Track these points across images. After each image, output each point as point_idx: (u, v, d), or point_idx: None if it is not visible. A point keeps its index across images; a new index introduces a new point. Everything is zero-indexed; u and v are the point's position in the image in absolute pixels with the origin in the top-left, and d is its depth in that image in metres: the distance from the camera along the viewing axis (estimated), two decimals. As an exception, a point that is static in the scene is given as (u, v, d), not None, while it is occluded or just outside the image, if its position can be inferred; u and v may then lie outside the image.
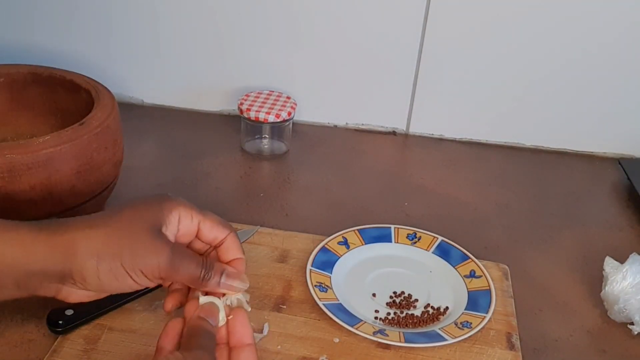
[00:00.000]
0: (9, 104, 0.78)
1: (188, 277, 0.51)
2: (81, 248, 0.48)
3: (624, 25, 0.87)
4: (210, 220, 0.53)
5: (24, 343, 0.58)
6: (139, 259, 0.49)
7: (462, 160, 0.95)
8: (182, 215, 0.52)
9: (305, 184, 0.87)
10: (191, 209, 0.53)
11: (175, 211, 0.52)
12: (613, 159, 0.95)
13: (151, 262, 0.49)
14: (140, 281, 0.50)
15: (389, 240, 0.73)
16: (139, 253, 0.49)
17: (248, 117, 0.89)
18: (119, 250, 0.48)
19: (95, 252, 0.48)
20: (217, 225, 0.54)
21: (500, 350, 0.61)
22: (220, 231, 0.54)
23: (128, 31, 0.97)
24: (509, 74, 0.93)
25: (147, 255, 0.49)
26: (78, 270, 0.48)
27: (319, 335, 0.61)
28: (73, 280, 0.49)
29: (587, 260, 0.75)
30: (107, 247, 0.48)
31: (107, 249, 0.48)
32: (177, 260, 0.50)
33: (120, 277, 0.49)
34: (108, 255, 0.48)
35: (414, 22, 0.91)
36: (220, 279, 0.51)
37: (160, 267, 0.49)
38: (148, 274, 0.49)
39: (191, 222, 0.52)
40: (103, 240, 0.49)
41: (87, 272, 0.48)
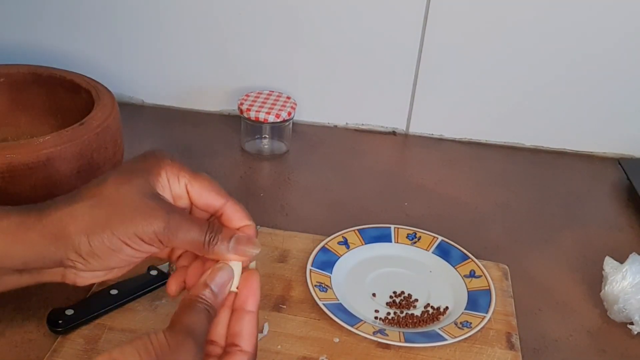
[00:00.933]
0: (9, 104, 0.78)
1: (190, 241, 0.46)
2: (69, 227, 0.45)
3: (624, 26, 0.87)
4: (200, 182, 0.48)
5: (24, 343, 0.58)
6: (131, 224, 0.44)
7: (462, 160, 0.95)
8: (169, 175, 0.48)
9: (305, 184, 0.87)
10: (179, 169, 0.48)
11: (162, 172, 0.47)
12: (613, 159, 0.95)
13: (145, 226, 0.44)
14: (140, 248, 0.45)
15: (389, 240, 0.73)
16: (130, 218, 0.44)
17: (248, 117, 0.89)
18: (107, 221, 0.44)
19: (84, 228, 0.44)
20: (209, 191, 0.48)
21: (500, 350, 0.61)
22: (212, 197, 0.48)
23: (128, 31, 0.97)
24: (509, 74, 0.93)
25: (139, 219, 0.44)
26: (72, 251, 0.45)
27: (319, 335, 0.61)
28: (72, 262, 0.46)
29: (587, 260, 0.75)
30: (94, 220, 0.44)
31: (95, 222, 0.44)
32: (176, 223, 0.45)
33: (116, 247, 0.45)
34: (97, 228, 0.44)
35: (414, 22, 0.91)
36: (230, 243, 0.46)
37: (156, 231, 0.44)
38: (146, 239, 0.45)
39: (178, 184, 0.48)
40: (90, 213, 0.45)
41: (82, 251, 0.45)
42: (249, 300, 0.47)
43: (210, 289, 0.45)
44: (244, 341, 0.45)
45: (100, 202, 0.45)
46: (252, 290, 0.47)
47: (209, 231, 0.46)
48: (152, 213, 0.45)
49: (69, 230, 0.45)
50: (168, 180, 0.48)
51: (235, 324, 0.46)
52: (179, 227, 0.45)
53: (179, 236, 0.45)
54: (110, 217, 0.45)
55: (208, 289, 0.45)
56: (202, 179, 0.49)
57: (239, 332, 0.46)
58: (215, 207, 0.49)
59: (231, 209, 0.49)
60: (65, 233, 0.45)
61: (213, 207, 0.49)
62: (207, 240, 0.46)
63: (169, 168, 0.48)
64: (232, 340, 0.45)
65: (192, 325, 0.42)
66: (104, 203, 0.45)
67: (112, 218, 0.45)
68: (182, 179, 0.48)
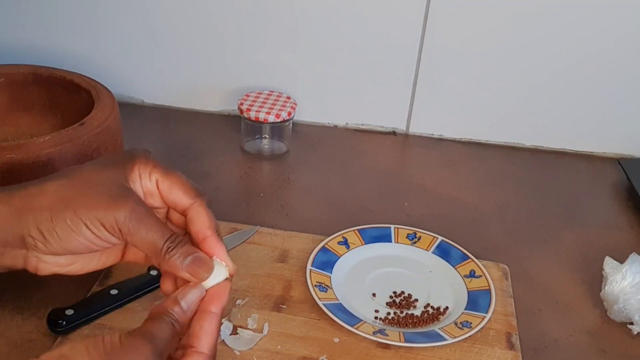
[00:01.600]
0: (9, 104, 0.78)
1: (148, 244, 0.45)
2: (35, 202, 0.45)
3: (624, 26, 0.87)
4: (170, 180, 0.48)
5: (24, 343, 0.58)
6: (95, 208, 0.44)
7: (462, 160, 0.95)
8: (141, 171, 0.48)
9: (305, 184, 0.87)
10: (152, 166, 0.48)
11: (135, 168, 0.47)
12: (613, 159, 0.95)
13: (108, 212, 0.44)
14: (100, 234, 0.45)
15: (389, 240, 0.73)
16: (95, 202, 0.44)
17: (248, 117, 0.89)
18: (72, 200, 0.45)
19: (48, 204, 0.45)
20: (178, 188, 0.48)
21: (500, 350, 0.61)
22: (180, 196, 0.48)
23: (128, 31, 0.97)
24: (509, 74, 0.93)
25: (104, 204, 0.44)
26: (34, 226, 0.45)
27: (319, 335, 0.61)
28: (32, 240, 0.45)
29: (587, 260, 0.75)
30: (60, 198, 0.45)
31: (61, 200, 0.45)
32: (138, 216, 0.45)
33: (77, 228, 0.44)
34: (61, 205, 0.45)
35: (414, 22, 0.91)
36: (185, 260, 0.45)
37: (117, 219, 0.44)
38: (107, 226, 0.44)
39: (149, 180, 0.48)
40: (58, 192, 0.45)
41: (43, 227, 0.45)
42: (214, 302, 0.46)
43: (180, 306, 0.45)
44: (200, 342, 0.44)
45: (70, 183, 0.46)
46: (220, 292, 0.46)
47: (170, 240, 0.46)
48: (118, 200, 0.45)
49: (34, 205, 0.45)
50: (140, 175, 0.48)
51: (196, 324, 0.45)
52: (140, 222, 0.45)
53: (139, 232, 0.45)
54: (76, 198, 0.45)
55: (178, 306, 0.45)
56: (173, 176, 0.49)
57: (197, 333, 0.45)
58: (182, 205, 0.49)
59: (195, 212, 0.48)
60: (30, 207, 0.45)
61: (180, 206, 0.49)
62: (165, 248, 0.45)
63: (142, 164, 0.48)
64: (189, 341, 0.45)
65: (153, 331, 0.42)
66: (74, 184, 0.46)
67: (77, 198, 0.45)
68: (154, 175, 0.48)
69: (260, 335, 0.60)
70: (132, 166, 0.48)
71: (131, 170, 0.48)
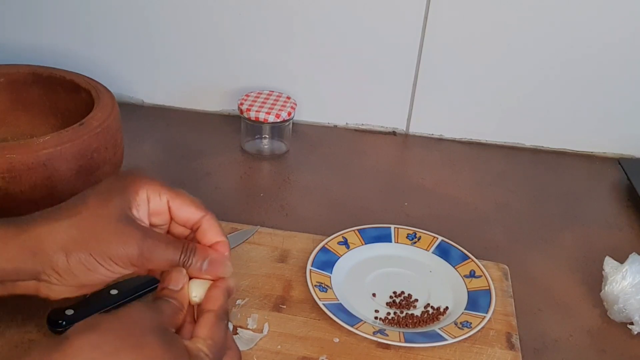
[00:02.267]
0: (9, 104, 0.78)
1: (166, 263, 0.48)
2: (48, 244, 0.46)
3: (624, 25, 0.87)
4: (181, 198, 0.51)
5: (24, 343, 0.58)
6: (107, 248, 0.46)
7: (462, 160, 0.95)
8: (149, 193, 0.50)
9: (305, 184, 0.87)
10: (160, 187, 0.50)
11: (142, 190, 0.49)
12: (613, 159, 0.95)
13: (119, 251, 0.46)
14: (114, 270, 0.48)
15: (389, 240, 0.73)
16: (106, 242, 0.47)
17: (248, 117, 0.89)
18: (85, 241, 0.47)
19: (62, 245, 0.46)
20: (189, 205, 0.51)
21: (500, 350, 0.61)
22: (192, 212, 0.51)
23: (128, 31, 0.97)
24: (509, 74, 0.93)
25: (114, 244, 0.47)
26: (49, 266, 0.47)
27: (319, 335, 0.61)
28: (47, 277, 0.47)
29: (587, 260, 0.75)
30: (73, 239, 0.47)
31: (74, 241, 0.46)
32: (149, 248, 0.47)
33: (92, 267, 0.47)
34: (75, 247, 0.46)
35: (413, 22, 0.91)
36: (203, 264, 0.49)
37: (129, 256, 0.47)
38: (119, 263, 0.47)
39: (160, 200, 0.50)
40: (68, 232, 0.47)
41: (59, 268, 0.47)
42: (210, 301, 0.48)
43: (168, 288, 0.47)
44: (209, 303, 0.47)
45: (78, 223, 0.47)
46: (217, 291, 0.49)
47: (183, 252, 0.48)
48: (126, 239, 0.47)
49: (47, 247, 0.47)
50: (148, 197, 0.50)
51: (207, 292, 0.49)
52: (152, 252, 0.47)
53: (154, 260, 0.48)
54: (88, 238, 0.47)
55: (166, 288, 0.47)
56: (182, 194, 0.51)
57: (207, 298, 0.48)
58: (193, 220, 0.51)
59: (207, 223, 0.51)
60: (43, 249, 0.47)
61: (192, 221, 0.51)
62: (181, 261, 0.48)
63: (149, 186, 0.50)
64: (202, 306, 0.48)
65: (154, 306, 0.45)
66: (82, 224, 0.47)
67: (89, 239, 0.47)
68: (164, 195, 0.50)
69: (260, 335, 0.60)
70: (137, 189, 0.49)
71: (136, 193, 0.49)
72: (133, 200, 0.49)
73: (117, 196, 0.48)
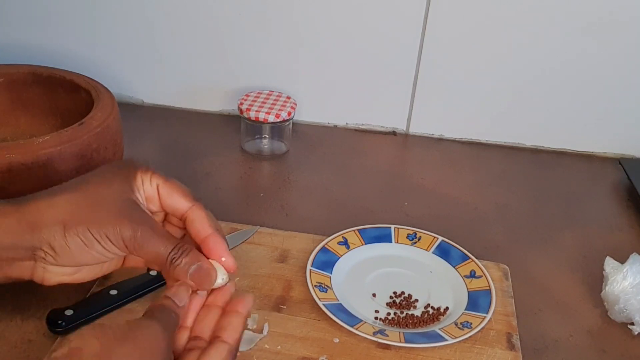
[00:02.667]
0: (9, 104, 0.78)
1: (154, 255, 0.47)
2: (46, 216, 0.46)
3: (624, 25, 0.87)
4: (170, 186, 0.50)
5: (24, 343, 0.58)
6: (104, 225, 0.46)
7: (462, 160, 0.95)
8: (143, 178, 0.50)
9: (305, 184, 0.87)
10: (152, 173, 0.50)
11: (138, 175, 0.50)
12: (613, 159, 0.95)
13: (115, 230, 0.46)
14: (109, 248, 0.47)
15: (389, 240, 0.73)
16: (104, 219, 0.46)
17: (248, 117, 0.89)
18: (84, 216, 0.47)
19: (61, 219, 0.46)
20: (177, 193, 0.50)
21: (500, 350, 0.61)
22: (179, 200, 0.50)
23: (128, 31, 0.97)
24: (509, 73, 0.93)
25: (112, 222, 0.46)
26: (46, 240, 0.46)
27: (319, 335, 0.61)
28: (44, 254, 0.47)
29: (587, 260, 0.75)
30: (72, 213, 0.47)
31: (72, 215, 0.46)
32: (143, 234, 0.47)
33: (89, 242, 0.47)
34: (74, 220, 0.46)
35: (414, 22, 0.91)
36: (191, 268, 0.48)
37: (123, 237, 0.46)
38: (115, 242, 0.47)
39: (150, 185, 0.50)
40: (68, 206, 0.47)
41: (55, 242, 0.46)
42: (240, 304, 0.48)
43: (171, 300, 0.46)
44: (227, 334, 0.47)
45: (78, 199, 0.47)
46: (243, 297, 0.49)
47: (175, 250, 0.48)
48: (123, 220, 0.47)
49: (45, 220, 0.46)
50: (142, 182, 0.50)
51: (224, 320, 0.48)
52: (145, 239, 0.47)
53: (144, 248, 0.47)
54: (88, 213, 0.47)
55: (169, 300, 0.46)
56: (172, 182, 0.51)
57: (224, 326, 0.47)
58: (181, 210, 0.51)
59: (195, 214, 0.50)
60: (42, 222, 0.46)
61: (179, 210, 0.51)
62: (169, 259, 0.47)
63: (143, 171, 0.50)
64: (217, 333, 0.47)
65: (156, 314, 0.45)
66: (83, 200, 0.47)
67: (89, 214, 0.47)
68: (154, 180, 0.50)
69: (260, 336, 0.60)
70: (135, 173, 0.50)
71: (134, 178, 0.49)
72: (133, 185, 0.49)
73: (119, 178, 0.49)
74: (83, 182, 0.49)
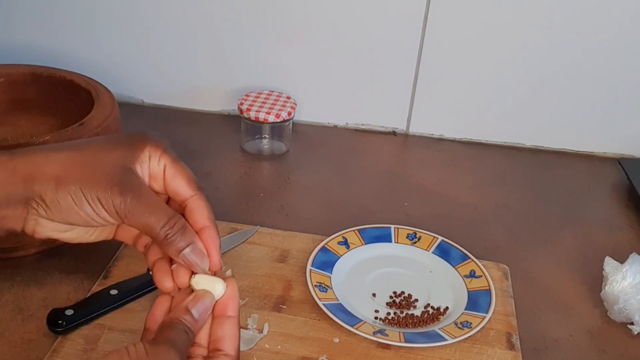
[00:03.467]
0: (9, 104, 0.78)
1: (144, 225, 0.46)
2: (41, 170, 0.46)
3: (624, 25, 0.87)
4: (177, 168, 0.49)
5: (24, 343, 0.58)
6: (97, 187, 0.45)
7: (462, 160, 0.95)
8: (151, 154, 0.48)
9: (305, 184, 0.87)
10: (162, 151, 0.49)
11: (146, 149, 0.48)
12: (613, 159, 0.95)
13: (106, 194, 0.45)
14: (99, 212, 0.46)
15: (389, 240, 0.73)
16: (98, 181, 0.45)
17: (248, 117, 0.89)
18: (78, 175, 0.45)
19: (55, 175, 0.45)
20: (182, 178, 0.49)
21: (500, 350, 0.61)
22: (182, 186, 0.49)
23: (128, 31, 0.97)
24: (509, 74, 0.93)
25: (104, 186, 0.45)
26: (38, 194, 0.45)
27: (319, 335, 0.61)
28: (36, 205, 0.46)
29: (587, 260, 0.75)
30: (67, 171, 0.46)
31: (67, 172, 0.45)
32: (132, 203, 0.45)
33: (79, 202, 0.45)
34: (67, 178, 0.45)
35: (414, 22, 0.91)
36: (185, 248, 0.46)
37: (114, 204, 0.45)
38: (106, 207, 0.45)
39: (157, 164, 0.48)
40: (64, 163, 0.46)
41: (47, 196, 0.45)
42: (229, 305, 0.47)
43: (191, 314, 0.45)
44: (226, 345, 0.46)
45: (76, 157, 0.46)
46: (232, 295, 0.47)
47: (168, 224, 0.46)
48: (117, 185, 0.45)
49: (39, 173, 0.46)
50: (149, 157, 0.48)
51: (218, 329, 0.46)
52: (133, 209, 0.45)
53: (134, 216, 0.45)
54: (82, 172, 0.46)
55: (189, 315, 0.45)
56: (179, 166, 0.49)
57: (221, 337, 0.46)
58: (182, 196, 0.49)
59: (195, 203, 0.49)
60: (36, 174, 0.46)
61: (181, 196, 0.49)
62: (162, 234, 0.46)
63: (153, 147, 0.48)
64: (216, 346, 0.46)
65: (174, 339, 0.43)
66: (79, 160, 0.46)
67: (83, 173, 0.46)
68: (162, 160, 0.49)
69: (260, 335, 0.60)
70: (143, 147, 0.48)
71: (141, 150, 0.48)
72: (137, 157, 0.47)
73: (123, 147, 0.48)
74: (85, 143, 0.48)
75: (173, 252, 0.46)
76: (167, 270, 0.48)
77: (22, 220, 0.47)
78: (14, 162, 0.46)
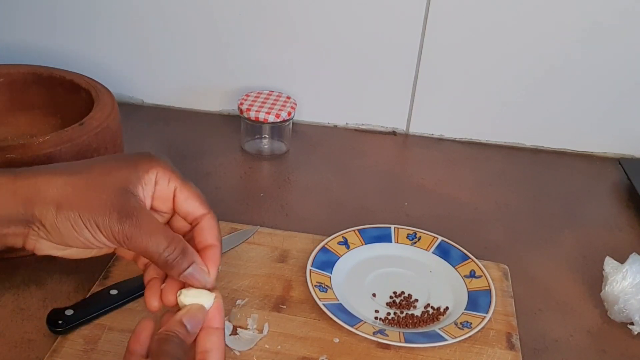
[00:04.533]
0: (9, 104, 0.78)
1: (143, 250, 0.46)
2: (42, 194, 0.46)
3: (624, 25, 0.87)
4: (188, 190, 0.50)
5: (24, 343, 0.58)
6: (96, 213, 0.45)
7: (462, 160, 0.95)
8: (159, 176, 0.48)
9: (305, 184, 0.87)
10: (171, 172, 0.49)
11: (152, 171, 0.48)
12: (613, 159, 0.95)
13: (104, 220, 0.45)
14: (98, 238, 0.46)
15: (389, 240, 0.73)
16: (96, 207, 0.45)
17: (248, 117, 0.89)
18: (78, 201, 0.46)
19: (55, 199, 0.46)
20: (195, 199, 0.50)
21: (500, 350, 0.61)
22: (196, 206, 0.50)
23: (128, 31, 0.97)
24: (509, 73, 0.93)
25: (101, 211, 0.45)
26: (37, 218, 0.46)
27: (319, 335, 0.61)
28: (36, 228, 0.46)
29: (587, 260, 0.75)
30: (67, 196, 0.46)
31: (67, 198, 0.46)
32: (131, 228, 0.45)
33: (78, 228, 0.46)
34: (66, 204, 0.45)
35: (414, 22, 0.91)
36: (188, 269, 0.47)
37: (112, 229, 0.45)
38: (104, 233, 0.46)
39: (167, 186, 0.49)
40: (64, 188, 0.46)
41: (47, 221, 0.46)
42: (216, 317, 0.48)
43: (185, 327, 0.46)
44: (213, 357, 0.46)
45: (76, 182, 0.46)
46: (218, 307, 0.48)
47: (170, 248, 0.46)
48: (115, 212, 0.45)
49: (39, 198, 0.46)
50: (157, 180, 0.49)
51: (206, 341, 0.47)
52: (133, 234, 0.46)
53: (133, 243, 0.46)
54: (80, 199, 0.46)
55: (183, 328, 0.45)
56: (190, 187, 0.50)
57: (209, 349, 0.46)
58: (194, 215, 0.50)
59: (207, 223, 0.50)
60: (36, 199, 0.46)
61: (193, 216, 0.50)
62: (164, 258, 0.46)
63: (161, 169, 0.49)
64: (204, 357, 0.46)
65: (173, 352, 0.44)
66: (79, 184, 0.46)
67: (81, 200, 0.46)
68: (172, 182, 0.49)
69: (260, 336, 0.60)
70: (148, 169, 0.48)
71: (146, 172, 0.48)
72: (141, 178, 0.48)
73: (125, 169, 0.48)
74: (86, 166, 0.48)
75: (175, 274, 0.47)
76: (157, 290, 0.49)
77: (22, 239, 0.48)
78: (16, 184, 0.46)
